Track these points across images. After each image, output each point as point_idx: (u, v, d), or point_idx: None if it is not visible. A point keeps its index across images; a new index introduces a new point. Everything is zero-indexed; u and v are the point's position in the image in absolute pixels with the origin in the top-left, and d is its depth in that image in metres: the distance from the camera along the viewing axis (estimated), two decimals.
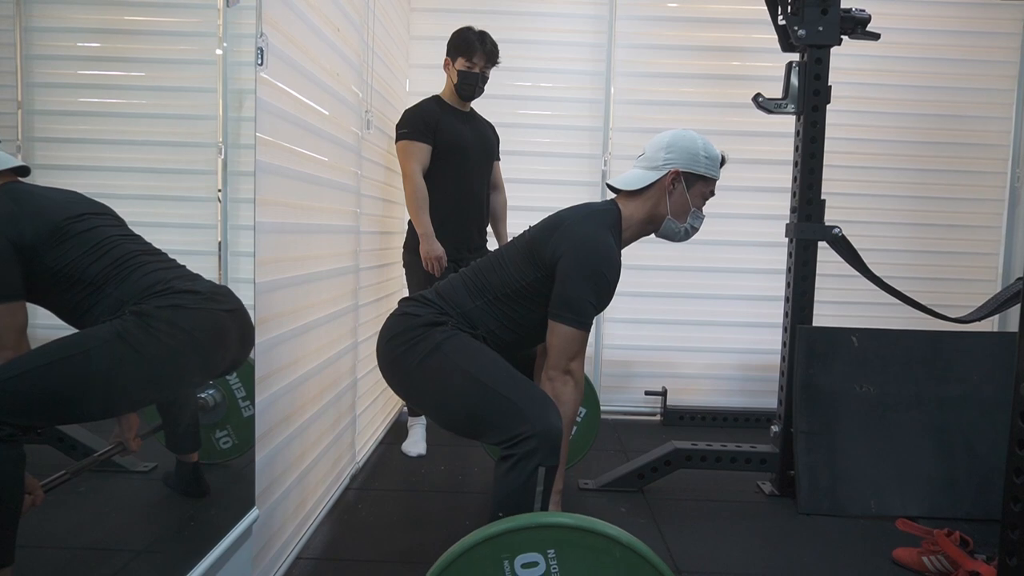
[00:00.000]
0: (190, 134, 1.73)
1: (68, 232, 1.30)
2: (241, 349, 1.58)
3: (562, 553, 1.12)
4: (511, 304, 1.80)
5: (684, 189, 1.88)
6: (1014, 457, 1.20)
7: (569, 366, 1.75)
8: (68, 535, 1.31)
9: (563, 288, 1.73)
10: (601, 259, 1.75)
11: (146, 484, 1.58)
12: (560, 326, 1.73)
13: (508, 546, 1.12)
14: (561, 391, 1.74)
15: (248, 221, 1.70)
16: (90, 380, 1.26)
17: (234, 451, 1.75)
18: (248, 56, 1.67)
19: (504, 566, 1.12)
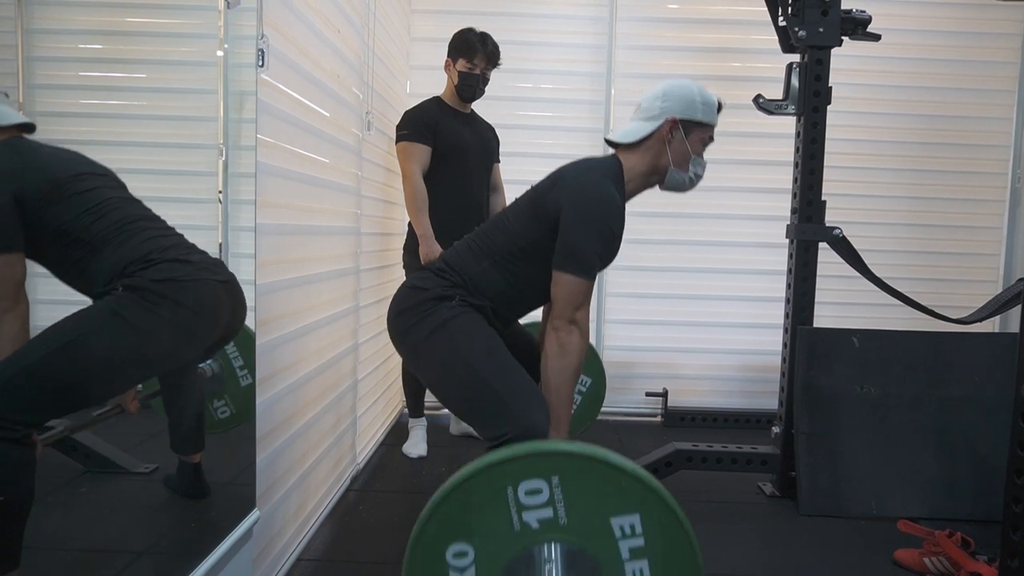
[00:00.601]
0: (191, 136, 1.73)
1: (70, 190, 1.29)
2: (234, 320, 1.57)
3: (566, 480, 1.10)
4: (517, 263, 1.78)
5: (683, 137, 1.86)
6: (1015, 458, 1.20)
7: (574, 316, 1.72)
8: (68, 537, 1.31)
9: (566, 238, 1.71)
10: (604, 207, 1.73)
11: (147, 485, 1.58)
12: (564, 276, 1.71)
13: (511, 473, 1.10)
14: (566, 340, 1.71)
15: (249, 223, 1.70)
16: (91, 364, 1.26)
17: (232, 420, 1.74)
18: (249, 58, 1.67)
19: (507, 493, 1.10)
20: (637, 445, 3.25)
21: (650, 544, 1.11)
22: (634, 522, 1.11)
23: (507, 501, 1.10)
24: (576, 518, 1.10)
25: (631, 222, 3.68)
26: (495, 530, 1.10)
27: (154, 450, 1.60)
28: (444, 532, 1.11)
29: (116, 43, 1.50)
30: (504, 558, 1.11)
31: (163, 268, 1.36)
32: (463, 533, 1.11)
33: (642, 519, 1.11)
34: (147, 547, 1.52)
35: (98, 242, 1.30)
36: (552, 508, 1.10)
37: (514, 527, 1.10)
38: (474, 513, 1.11)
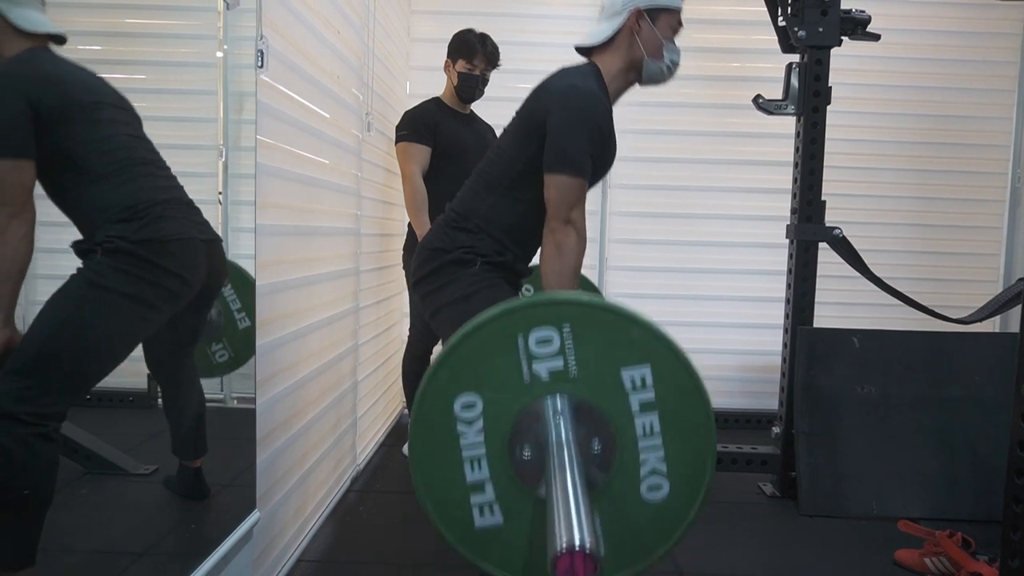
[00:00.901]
0: (191, 137, 1.74)
1: (86, 115, 1.31)
2: (211, 281, 1.56)
3: (577, 329, 1.08)
4: (519, 186, 1.75)
5: (651, 25, 1.81)
6: (1015, 458, 1.20)
7: (569, 216, 1.68)
8: (69, 538, 1.31)
9: (554, 139, 1.68)
10: (587, 104, 1.70)
11: (147, 487, 1.58)
12: (555, 176, 1.67)
13: (523, 321, 1.08)
14: (563, 240, 1.67)
15: (249, 224, 1.70)
16: (89, 339, 1.28)
17: (231, 364, 1.74)
18: (248, 59, 1.67)
19: (518, 341, 1.08)
20: None
21: (660, 397, 1.09)
22: (644, 374, 1.09)
23: (518, 351, 1.08)
24: (586, 370, 1.09)
25: (632, 222, 3.72)
26: (504, 381, 1.09)
27: (154, 451, 1.60)
28: (453, 382, 1.09)
29: (116, 44, 1.51)
30: (513, 410, 1.09)
31: (146, 225, 1.35)
32: (472, 384, 1.09)
33: (653, 371, 1.09)
34: (147, 548, 1.52)
35: (97, 175, 1.31)
36: (562, 358, 1.08)
37: (524, 378, 1.08)
38: (484, 363, 1.08)
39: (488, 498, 1.11)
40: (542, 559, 1.07)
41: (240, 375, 1.79)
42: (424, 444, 1.10)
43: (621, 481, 1.11)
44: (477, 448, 1.10)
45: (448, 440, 1.10)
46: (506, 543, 1.12)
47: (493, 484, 1.11)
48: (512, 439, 1.10)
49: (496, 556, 1.12)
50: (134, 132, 1.43)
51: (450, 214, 1.79)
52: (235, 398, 1.87)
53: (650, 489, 1.12)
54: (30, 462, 1.19)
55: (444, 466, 1.11)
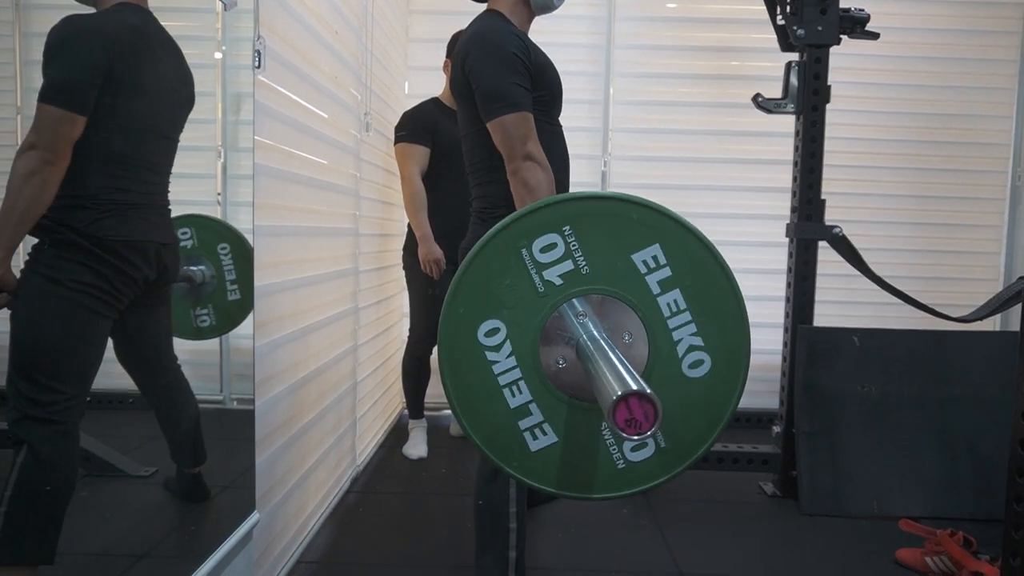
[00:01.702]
0: (189, 137, 1.73)
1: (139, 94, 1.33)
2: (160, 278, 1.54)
3: (579, 227, 1.06)
4: (494, 160, 1.71)
5: None
6: (1017, 457, 1.19)
7: (526, 150, 1.63)
8: (69, 540, 1.30)
9: (479, 84, 1.64)
10: (496, 40, 1.66)
11: (146, 489, 1.58)
12: (495, 120, 1.62)
13: (523, 232, 1.06)
14: (528, 176, 1.62)
15: (247, 224, 1.69)
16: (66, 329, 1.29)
17: (210, 331, 1.72)
18: (246, 59, 1.67)
19: (523, 255, 1.06)
20: None
21: (677, 273, 1.07)
22: (655, 253, 1.07)
23: (525, 263, 1.06)
24: (597, 263, 1.07)
25: None
26: (520, 298, 1.06)
27: (154, 453, 1.60)
28: (470, 313, 1.07)
29: None
30: (536, 325, 1.07)
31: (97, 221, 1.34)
32: (490, 310, 1.07)
33: (663, 248, 1.07)
34: (147, 550, 1.51)
35: (94, 146, 1.30)
36: (571, 260, 1.06)
37: (538, 289, 1.06)
38: (495, 285, 1.06)
39: (537, 419, 1.08)
40: (612, 465, 1.07)
41: (239, 376, 1.78)
42: (459, 382, 1.07)
43: (661, 365, 1.08)
44: (512, 372, 1.07)
45: (482, 372, 1.07)
46: (568, 462, 1.09)
47: (537, 404, 1.08)
48: (544, 353, 1.07)
49: (566, 478, 1.09)
50: (163, 131, 1.45)
51: (479, 209, 1.77)
52: (234, 399, 1.87)
53: (692, 366, 1.09)
54: (54, 459, 1.21)
55: (485, 399, 1.08)
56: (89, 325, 1.34)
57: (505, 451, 1.08)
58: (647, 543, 2.23)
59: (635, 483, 1.08)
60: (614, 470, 1.08)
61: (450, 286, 1.07)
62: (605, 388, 0.90)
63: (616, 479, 1.08)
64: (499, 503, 1.63)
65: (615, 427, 0.86)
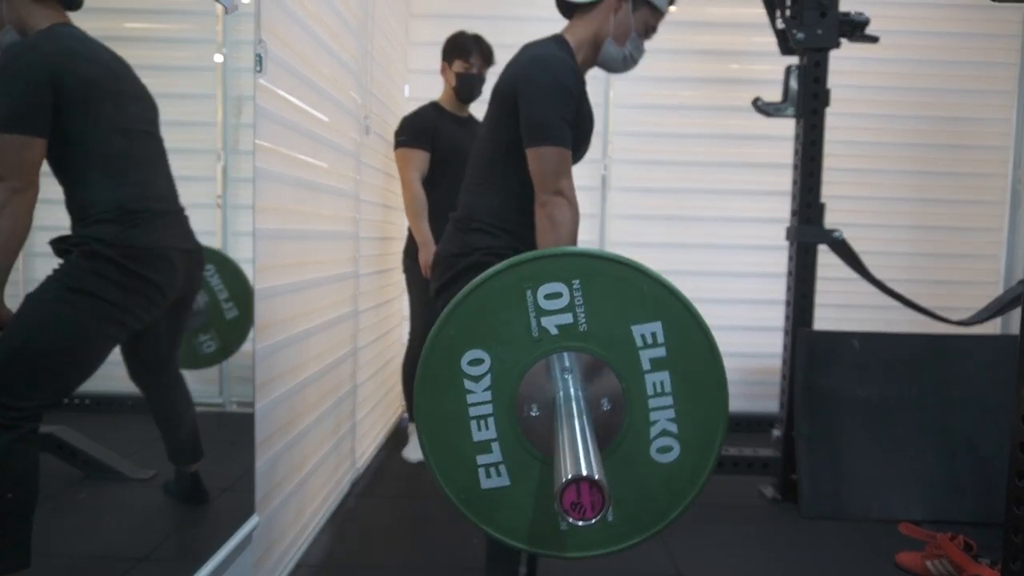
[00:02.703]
0: (190, 140, 1.74)
1: (102, 97, 1.31)
2: (188, 287, 1.56)
3: (588, 283, 1.05)
4: (511, 167, 1.71)
5: (629, 12, 1.81)
6: (1016, 460, 1.19)
7: (558, 186, 1.64)
8: (68, 543, 1.31)
9: (529, 111, 1.65)
10: (554, 69, 1.67)
11: (146, 492, 1.57)
12: (536, 149, 1.64)
13: (531, 274, 1.05)
14: (555, 212, 1.64)
15: (248, 227, 1.70)
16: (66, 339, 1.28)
17: (218, 355, 1.73)
18: (247, 63, 1.67)
19: (527, 295, 1.05)
20: None
21: (671, 356, 1.07)
22: (656, 330, 1.06)
23: (526, 304, 1.05)
24: (596, 324, 1.06)
25: (631, 225, 3.71)
26: (513, 336, 1.06)
27: (153, 456, 1.60)
28: (460, 338, 1.06)
29: (115, 48, 1.50)
30: (521, 367, 1.06)
31: (126, 231, 1.34)
32: (480, 339, 1.06)
33: (664, 327, 1.06)
34: (146, 553, 1.51)
35: (97, 162, 1.30)
36: (572, 313, 1.06)
37: (532, 333, 1.06)
38: (492, 317, 1.06)
39: (495, 458, 1.08)
40: (549, 522, 1.06)
41: (239, 379, 1.78)
42: (431, 402, 1.08)
43: (630, 440, 1.08)
44: (484, 406, 1.07)
45: (455, 398, 1.07)
46: (512, 506, 1.09)
47: (500, 444, 1.08)
48: (520, 397, 1.07)
49: (501, 520, 1.09)
50: (148, 128, 1.43)
51: (458, 218, 1.78)
52: (234, 402, 1.87)
53: (660, 451, 1.08)
54: (9, 465, 1.18)
55: (451, 425, 1.08)
56: (94, 341, 1.33)
57: (455, 480, 1.09)
58: (647, 546, 2.22)
59: (573, 548, 1.08)
60: (555, 530, 1.08)
61: (448, 305, 1.07)
62: (562, 460, 0.90)
63: (553, 539, 1.08)
64: None
65: (560, 506, 0.86)
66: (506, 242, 1.70)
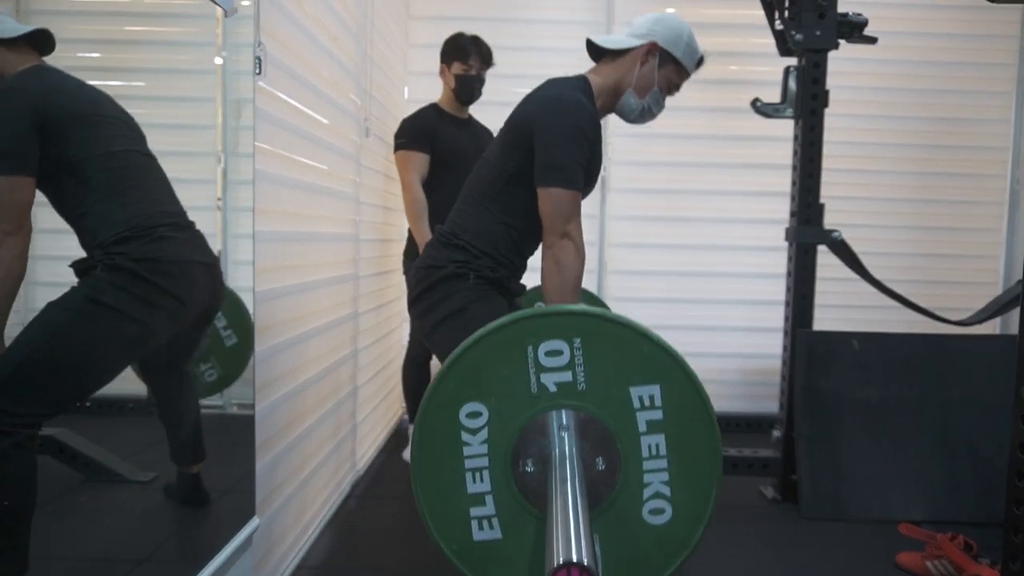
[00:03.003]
0: (190, 143, 1.74)
1: (91, 127, 1.29)
2: (212, 301, 1.57)
3: (589, 343, 1.07)
4: (506, 197, 1.74)
5: (655, 66, 1.83)
6: (1016, 460, 1.19)
7: (566, 229, 1.66)
8: (68, 545, 1.31)
9: (544, 152, 1.67)
10: (574, 113, 1.69)
11: (146, 494, 1.57)
12: (548, 190, 1.66)
13: (533, 331, 1.07)
14: (561, 255, 1.66)
15: (248, 230, 1.70)
16: (80, 352, 1.26)
17: (220, 383, 1.73)
18: (247, 65, 1.67)
19: (528, 351, 1.07)
20: None
21: (668, 419, 1.08)
22: (654, 393, 1.08)
23: (527, 361, 1.07)
24: (595, 384, 1.07)
25: (631, 226, 3.71)
26: (512, 391, 1.07)
27: (154, 458, 1.60)
28: (460, 390, 1.07)
29: (115, 52, 1.51)
30: (518, 421, 1.08)
31: (148, 244, 1.34)
32: (479, 392, 1.07)
33: (662, 391, 1.08)
34: (147, 555, 1.51)
35: (105, 190, 1.29)
36: (571, 372, 1.07)
37: (531, 389, 1.07)
38: (492, 371, 1.07)
39: (488, 511, 1.10)
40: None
41: (239, 381, 1.78)
42: (427, 452, 1.09)
43: (624, 501, 1.09)
44: (480, 459, 1.09)
45: (452, 449, 1.09)
46: (503, 560, 1.10)
47: (494, 497, 1.09)
48: (516, 451, 1.09)
49: (492, 573, 1.11)
50: (140, 148, 1.42)
51: (443, 232, 1.80)
52: (234, 404, 1.87)
53: (652, 512, 1.10)
54: (5, 471, 1.17)
55: (446, 476, 1.10)
56: (107, 356, 1.31)
57: (449, 531, 1.11)
58: None
59: None
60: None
61: (448, 358, 1.08)
62: (555, 536, 0.90)
63: None
64: None
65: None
66: (483, 263, 1.72)
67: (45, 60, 1.20)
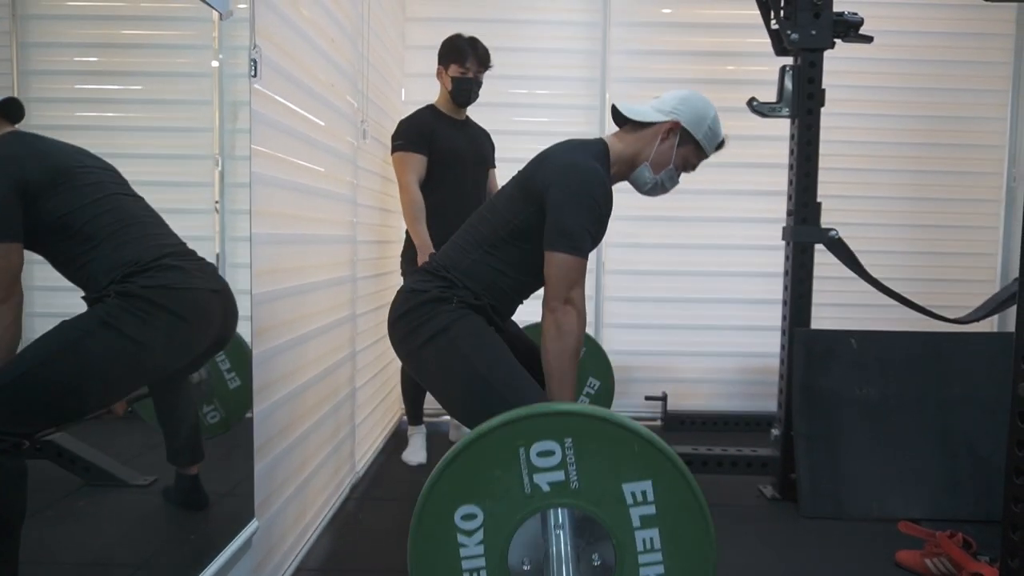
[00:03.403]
0: (187, 146, 1.74)
1: (72, 180, 1.28)
2: (225, 329, 1.56)
3: (580, 442, 1.08)
4: (507, 247, 1.77)
5: (675, 144, 1.86)
6: (1014, 458, 1.20)
7: (569, 295, 1.69)
8: (66, 550, 1.30)
9: (556, 216, 1.70)
10: (590, 183, 1.72)
11: (145, 498, 1.57)
12: (556, 255, 1.69)
13: (525, 432, 1.08)
14: (563, 321, 1.68)
15: (245, 232, 1.70)
16: (83, 374, 1.25)
17: (221, 426, 1.74)
18: (243, 68, 1.68)
19: (520, 453, 1.08)
20: None
21: (661, 513, 1.09)
22: (646, 488, 1.09)
23: (519, 462, 1.08)
24: (588, 482, 1.09)
25: (629, 225, 3.71)
26: (505, 492, 1.09)
27: (153, 462, 1.59)
28: (454, 493, 1.09)
29: (111, 55, 1.51)
30: (513, 521, 1.09)
31: (156, 274, 1.34)
32: (473, 495, 1.09)
33: (654, 486, 1.09)
34: (146, 559, 1.51)
35: (99, 237, 1.29)
36: (564, 471, 1.09)
37: (525, 489, 1.09)
38: (485, 473, 1.09)
39: None
40: None
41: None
42: (423, 555, 1.11)
43: None
44: (477, 560, 1.10)
45: (448, 551, 1.10)
46: None
47: None
48: (512, 552, 1.10)
49: None
50: (125, 191, 1.40)
51: (434, 264, 1.83)
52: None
53: None
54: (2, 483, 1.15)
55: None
56: (112, 378, 1.30)
57: None
58: None
59: None
60: None
61: (441, 461, 1.10)
62: None
63: None
64: None
65: None
66: (465, 293, 1.74)
67: (17, 127, 1.19)
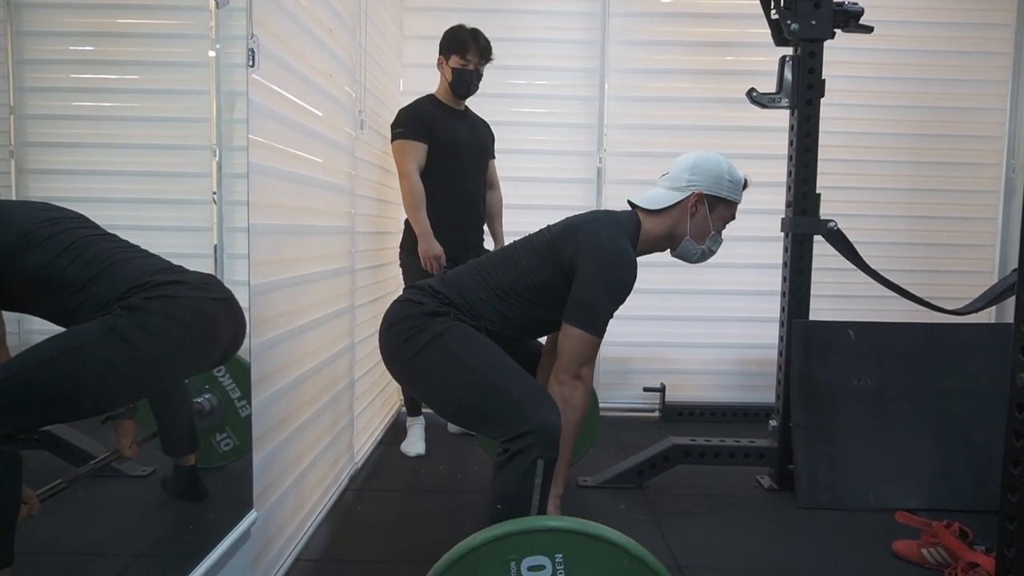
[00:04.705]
0: (184, 137, 1.73)
1: (38, 237, 1.27)
2: (232, 339, 1.56)
3: (570, 558, 1.10)
4: (517, 300, 1.80)
5: (707, 212, 1.91)
6: (1011, 448, 1.20)
7: (580, 371, 1.74)
8: (65, 539, 1.31)
9: (581, 292, 1.73)
10: (622, 267, 1.76)
11: (144, 488, 1.57)
12: (575, 330, 1.72)
13: (515, 548, 1.10)
14: (571, 396, 1.73)
15: (243, 223, 1.69)
16: (84, 377, 1.24)
17: (235, 453, 1.76)
18: (240, 57, 1.67)
19: (511, 568, 1.10)
20: (635, 441, 3.25)
21: None
22: None
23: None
24: None
25: None
26: None
27: (151, 453, 1.60)
28: None
29: (107, 45, 1.50)
30: None
31: (156, 288, 1.34)
32: None
33: None
34: (145, 549, 1.51)
35: (82, 282, 1.28)
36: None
37: None
38: None
39: None
40: None
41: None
42: None
43: None
44: None
45: None
46: None
47: None
48: None
49: None
50: (95, 232, 1.39)
51: (438, 283, 1.84)
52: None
53: None
54: None
55: None
56: (113, 386, 1.29)
57: None
58: (644, 536, 2.23)
59: None
60: None
61: (431, 572, 1.11)
62: None
63: None
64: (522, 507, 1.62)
65: None
66: (464, 317, 1.76)
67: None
